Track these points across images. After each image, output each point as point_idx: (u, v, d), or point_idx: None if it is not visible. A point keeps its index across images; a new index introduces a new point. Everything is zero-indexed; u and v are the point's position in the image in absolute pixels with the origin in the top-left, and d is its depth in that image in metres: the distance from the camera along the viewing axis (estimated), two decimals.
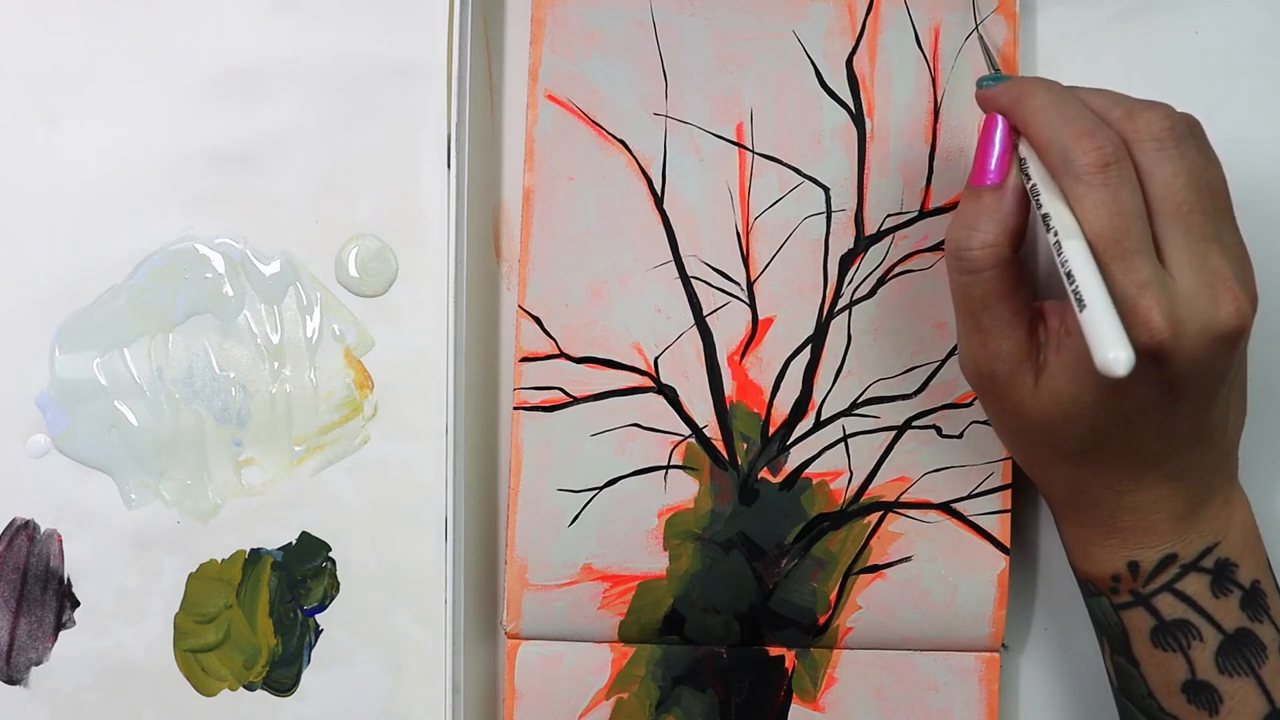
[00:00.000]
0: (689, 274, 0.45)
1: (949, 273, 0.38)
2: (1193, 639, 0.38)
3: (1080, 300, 0.33)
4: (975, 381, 0.39)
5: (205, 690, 0.47)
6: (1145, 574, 0.38)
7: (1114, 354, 0.31)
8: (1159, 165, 0.35)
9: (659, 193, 0.45)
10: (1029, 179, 0.36)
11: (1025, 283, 0.38)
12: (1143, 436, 0.37)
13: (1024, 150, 0.37)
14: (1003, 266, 0.37)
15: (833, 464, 0.45)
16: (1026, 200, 0.37)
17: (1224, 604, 0.38)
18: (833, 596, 0.45)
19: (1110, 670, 0.41)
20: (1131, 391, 0.35)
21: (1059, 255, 0.34)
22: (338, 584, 0.47)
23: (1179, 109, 0.37)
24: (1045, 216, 0.35)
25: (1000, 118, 0.37)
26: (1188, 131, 0.36)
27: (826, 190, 0.45)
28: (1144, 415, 0.36)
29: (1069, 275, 0.34)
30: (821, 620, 0.45)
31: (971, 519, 0.45)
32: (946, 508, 0.45)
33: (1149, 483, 0.38)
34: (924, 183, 0.45)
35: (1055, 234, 0.35)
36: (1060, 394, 0.36)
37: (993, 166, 0.37)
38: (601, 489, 0.45)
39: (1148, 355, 0.34)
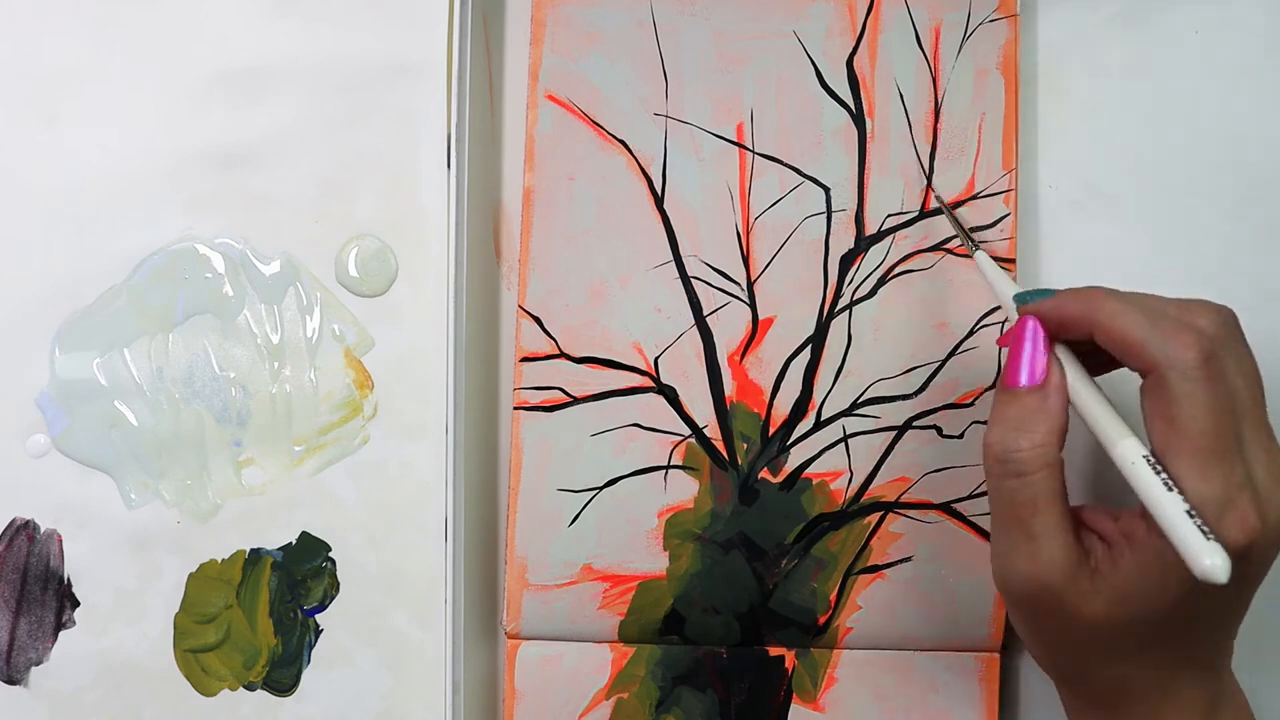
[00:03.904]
0: (689, 274, 0.45)
1: (989, 480, 0.37)
2: None
3: (1163, 513, 0.33)
4: (1024, 596, 0.37)
5: (205, 690, 0.47)
6: None
7: (1210, 561, 0.32)
8: (1226, 363, 0.35)
9: (659, 193, 0.45)
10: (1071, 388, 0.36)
11: (1064, 490, 0.37)
12: (1206, 629, 0.36)
13: (1061, 352, 0.37)
14: (1052, 467, 0.36)
15: (833, 464, 0.45)
16: (1068, 399, 0.36)
17: None
18: (833, 596, 0.45)
19: None
20: (1216, 589, 0.33)
21: (1130, 466, 0.34)
22: (338, 584, 0.47)
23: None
24: (1098, 423, 0.35)
25: (1032, 319, 0.37)
26: (1236, 328, 0.36)
27: (827, 190, 0.45)
28: (1215, 608, 0.36)
29: (1143, 486, 0.34)
30: (821, 620, 0.45)
31: (971, 519, 0.45)
32: (946, 508, 0.45)
33: (1194, 678, 0.37)
34: (924, 183, 0.45)
35: (1115, 444, 0.35)
36: (1133, 598, 0.35)
37: (1031, 366, 0.36)
38: (601, 489, 0.45)
39: (1242, 551, 0.33)
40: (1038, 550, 0.36)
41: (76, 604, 0.47)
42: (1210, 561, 0.32)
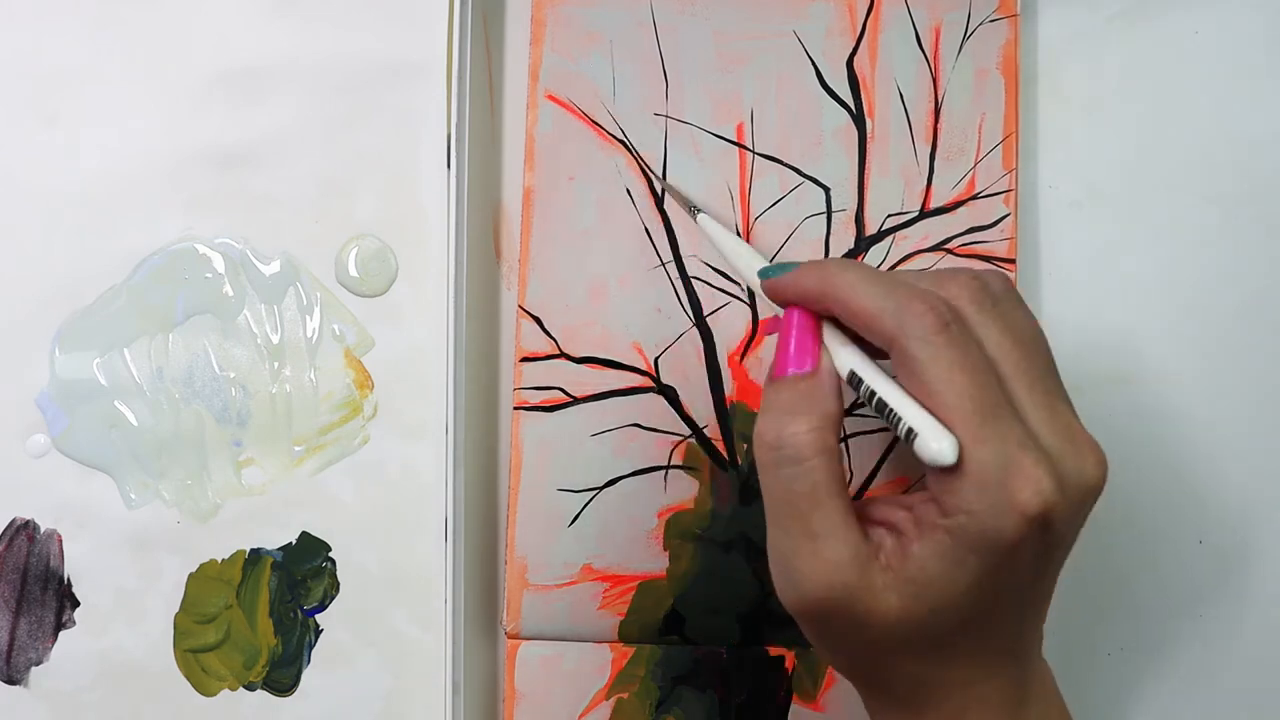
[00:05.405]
0: (689, 274, 0.45)
1: (763, 475, 0.34)
2: None
3: (895, 416, 0.32)
4: (813, 602, 0.33)
5: (205, 690, 0.47)
6: None
7: (938, 445, 0.31)
8: (985, 327, 0.33)
9: (659, 192, 0.45)
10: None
11: (846, 482, 0.34)
12: (1007, 614, 0.34)
13: (830, 334, 0.35)
14: (830, 453, 0.33)
15: None
16: (841, 384, 0.34)
17: None
18: None
19: None
20: (1015, 561, 0.32)
21: (873, 400, 0.33)
22: (338, 584, 0.47)
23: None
24: (863, 388, 0.34)
25: (797, 309, 0.35)
26: (1002, 291, 0.34)
27: (827, 190, 0.45)
28: (1016, 587, 0.33)
29: (880, 403, 0.33)
30: None
31: None
32: None
33: (997, 670, 0.34)
34: (924, 183, 0.45)
35: (869, 388, 0.33)
36: (927, 587, 0.32)
37: (799, 354, 0.34)
38: (601, 489, 0.45)
39: (1039, 519, 0.31)
40: (822, 549, 0.33)
41: (76, 604, 0.47)
42: (938, 445, 0.30)
